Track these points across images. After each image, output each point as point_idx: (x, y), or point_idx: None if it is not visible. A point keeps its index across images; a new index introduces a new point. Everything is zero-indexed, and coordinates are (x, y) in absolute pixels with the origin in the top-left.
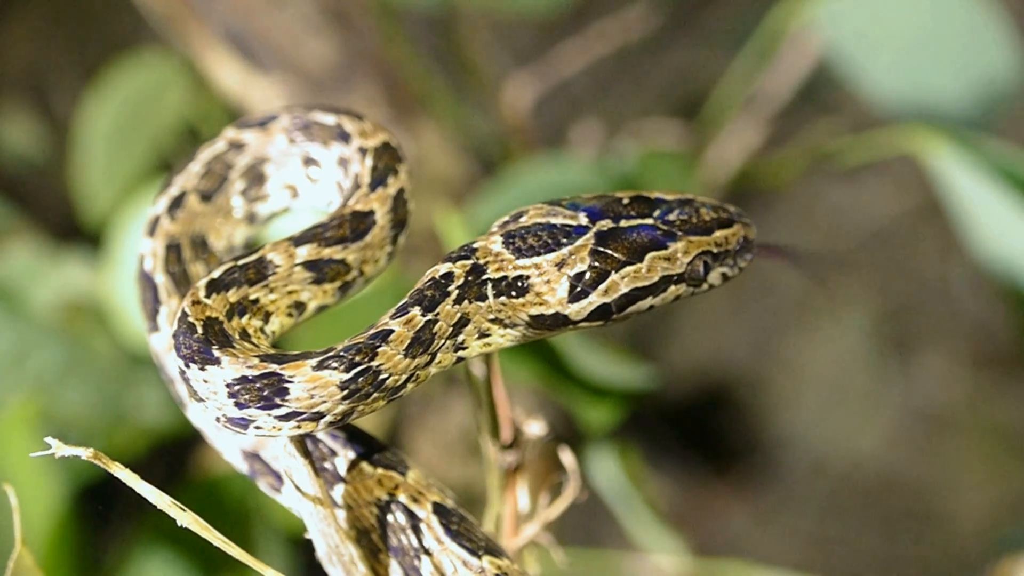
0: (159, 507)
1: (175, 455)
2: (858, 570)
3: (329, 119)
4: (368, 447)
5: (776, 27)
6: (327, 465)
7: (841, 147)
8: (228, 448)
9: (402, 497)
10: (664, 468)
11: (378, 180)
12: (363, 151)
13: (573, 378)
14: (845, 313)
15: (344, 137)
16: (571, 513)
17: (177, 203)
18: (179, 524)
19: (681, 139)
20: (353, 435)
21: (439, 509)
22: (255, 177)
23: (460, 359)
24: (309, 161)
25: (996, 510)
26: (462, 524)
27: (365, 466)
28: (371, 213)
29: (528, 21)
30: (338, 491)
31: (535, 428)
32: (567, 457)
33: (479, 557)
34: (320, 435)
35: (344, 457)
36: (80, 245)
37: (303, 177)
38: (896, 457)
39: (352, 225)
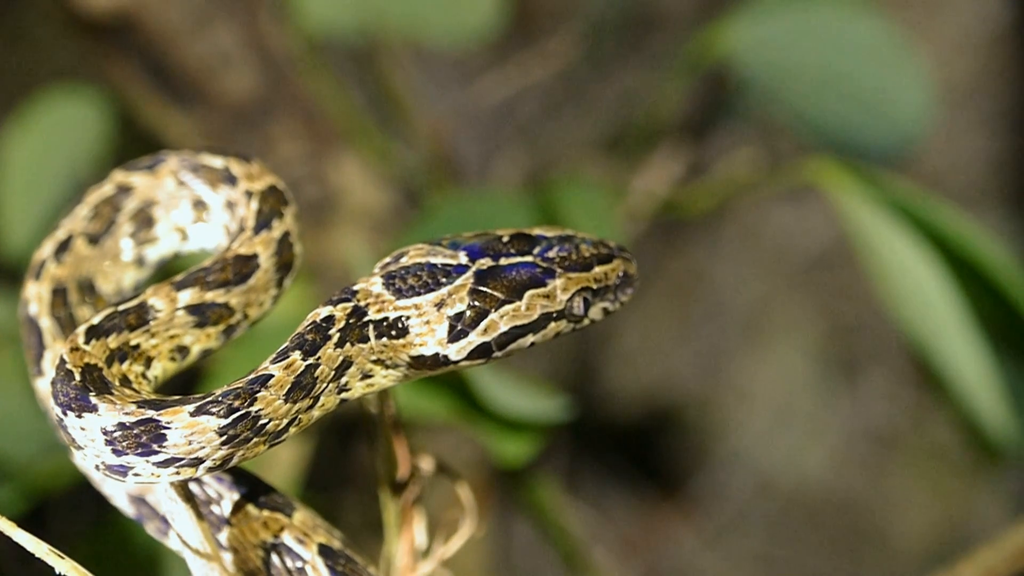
0: (37, 555)
1: None
2: None
3: (217, 162)
4: (254, 489)
5: (696, 58)
6: (213, 508)
7: (753, 179)
8: (115, 493)
9: (288, 539)
10: (612, 491)
11: (263, 223)
12: (249, 194)
13: (485, 412)
14: (791, 334)
15: (231, 180)
16: (515, 540)
17: (64, 247)
18: (57, 571)
19: (608, 168)
20: (239, 477)
21: (324, 550)
22: (144, 220)
23: (344, 400)
24: (198, 204)
25: (937, 528)
26: (347, 565)
27: (251, 508)
28: (255, 256)
29: (453, 52)
30: (224, 534)
31: (427, 465)
32: (465, 493)
33: None
34: (205, 478)
35: (230, 500)
36: None
37: (192, 220)
38: (842, 477)
39: (235, 268)
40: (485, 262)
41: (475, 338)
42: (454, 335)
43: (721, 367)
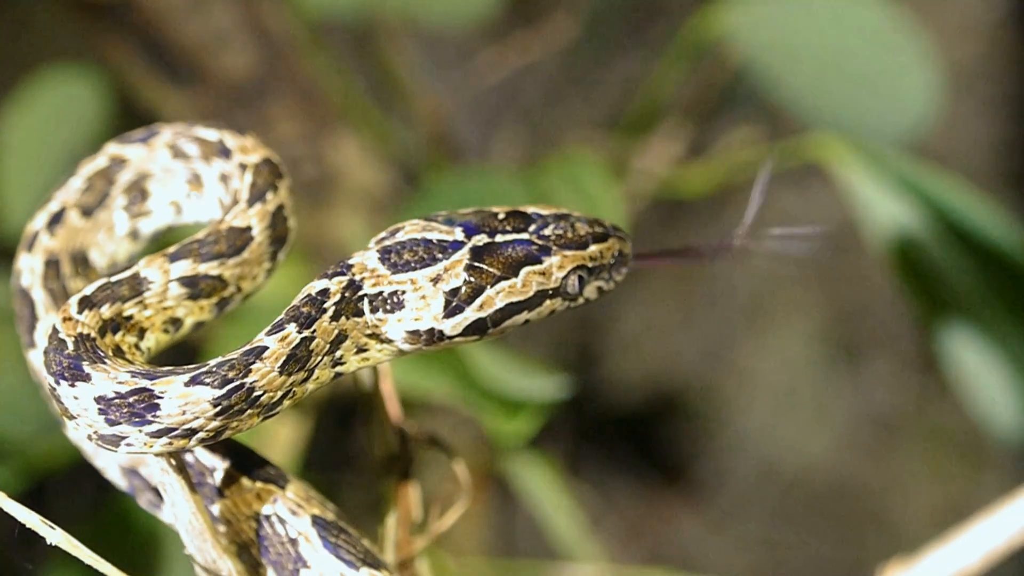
0: (28, 526)
1: None
2: (808, 575)
3: (211, 135)
4: (248, 461)
5: (694, 37)
6: (207, 480)
7: (755, 157)
8: (107, 465)
9: (281, 510)
10: (614, 476)
11: (257, 196)
12: (243, 167)
13: (483, 391)
14: (794, 319)
15: (225, 153)
16: (517, 523)
17: (57, 219)
18: (49, 542)
19: (608, 148)
20: (232, 449)
21: (318, 521)
22: (138, 193)
23: (338, 375)
24: (192, 177)
25: (941, 512)
26: (341, 536)
27: (244, 480)
28: (248, 229)
29: (453, 33)
30: (217, 506)
31: (420, 438)
32: (460, 468)
33: (357, 569)
34: (198, 450)
35: (223, 471)
36: None
37: (186, 193)
38: (845, 462)
39: (229, 240)
40: (481, 238)
41: (471, 314)
42: (450, 310)
43: (724, 351)
